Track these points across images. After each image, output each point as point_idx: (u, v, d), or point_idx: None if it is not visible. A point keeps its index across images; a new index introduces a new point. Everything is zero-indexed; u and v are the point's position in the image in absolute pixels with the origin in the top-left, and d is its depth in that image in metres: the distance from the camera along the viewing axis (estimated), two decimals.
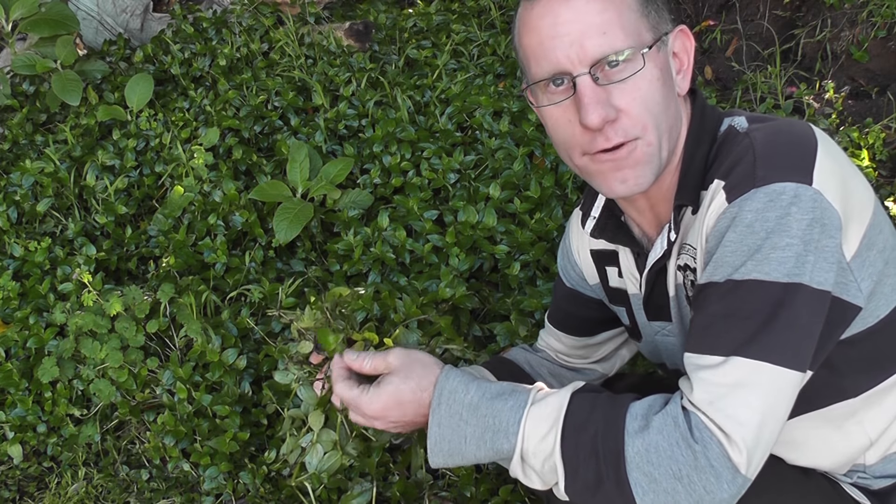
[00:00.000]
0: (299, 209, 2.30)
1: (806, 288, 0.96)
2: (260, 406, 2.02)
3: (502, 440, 1.07)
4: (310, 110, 2.75)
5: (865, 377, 1.10)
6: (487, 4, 3.08)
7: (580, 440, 1.02)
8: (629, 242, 1.24)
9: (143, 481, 2.05)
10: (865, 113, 2.44)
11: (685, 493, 0.95)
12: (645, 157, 1.06)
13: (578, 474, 1.02)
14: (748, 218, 0.98)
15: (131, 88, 2.79)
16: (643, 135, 1.05)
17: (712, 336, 0.99)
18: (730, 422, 0.94)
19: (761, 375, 0.95)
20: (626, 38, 1.02)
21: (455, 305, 2.02)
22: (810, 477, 1.16)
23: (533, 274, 2.10)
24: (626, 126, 1.04)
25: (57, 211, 2.58)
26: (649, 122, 1.04)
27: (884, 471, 1.15)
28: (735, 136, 1.08)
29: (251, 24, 3.12)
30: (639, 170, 1.06)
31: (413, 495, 1.83)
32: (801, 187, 0.97)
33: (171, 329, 2.19)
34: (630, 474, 0.97)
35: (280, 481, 1.92)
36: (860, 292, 1.03)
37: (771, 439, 0.97)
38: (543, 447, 1.04)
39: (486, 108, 2.51)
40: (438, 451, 1.11)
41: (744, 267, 0.98)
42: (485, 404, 1.09)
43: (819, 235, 0.97)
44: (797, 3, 2.82)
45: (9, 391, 2.14)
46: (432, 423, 1.11)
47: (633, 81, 1.03)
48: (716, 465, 0.94)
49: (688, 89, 1.13)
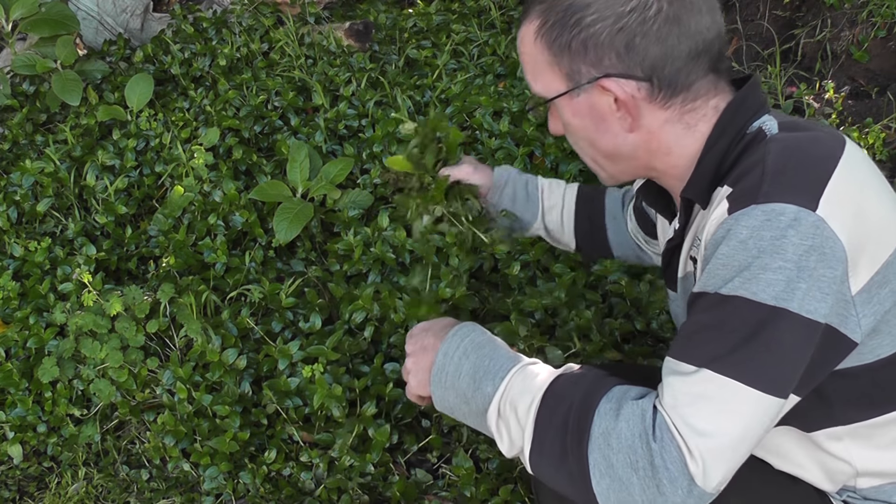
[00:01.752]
0: (299, 209, 2.30)
1: (792, 315, 0.94)
2: (260, 406, 2.02)
3: (488, 383, 1.10)
4: (310, 110, 2.75)
5: (856, 411, 1.08)
6: (487, 4, 3.08)
7: (555, 409, 1.03)
8: (663, 210, 1.29)
9: (143, 481, 2.05)
10: (865, 113, 2.44)
11: (639, 487, 0.94)
12: (595, 168, 1.23)
13: (545, 444, 1.02)
14: (742, 234, 0.96)
15: (131, 88, 2.79)
16: (580, 154, 1.23)
17: (691, 345, 0.98)
18: (688, 430, 0.94)
19: (728, 393, 0.94)
20: (536, 86, 1.18)
21: (455, 305, 2.02)
22: (797, 484, 1.15)
23: (533, 274, 2.10)
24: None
25: (57, 211, 2.58)
26: (577, 150, 1.23)
27: (875, 496, 1.14)
28: (759, 141, 1.06)
29: (251, 24, 3.12)
30: (601, 175, 1.24)
31: (413, 495, 1.83)
32: (803, 212, 0.94)
33: (171, 329, 2.19)
34: (591, 454, 0.97)
35: (280, 481, 1.93)
36: (859, 328, 1.00)
37: (734, 458, 0.95)
38: (521, 402, 1.06)
39: (486, 108, 2.51)
40: (438, 381, 1.17)
41: (731, 283, 0.96)
42: (489, 345, 1.16)
43: (815, 263, 0.94)
44: (797, 3, 2.82)
45: (9, 391, 2.14)
46: (440, 350, 1.18)
47: (556, 116, 1.20)
48: (671, 468, 0.93)
49: (633, 129, 1.12)
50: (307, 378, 1.91)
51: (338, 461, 1.87)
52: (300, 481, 1.91)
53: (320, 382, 1.87)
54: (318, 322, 2.05)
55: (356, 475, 1.85)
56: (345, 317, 2.04)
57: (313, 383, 1.90)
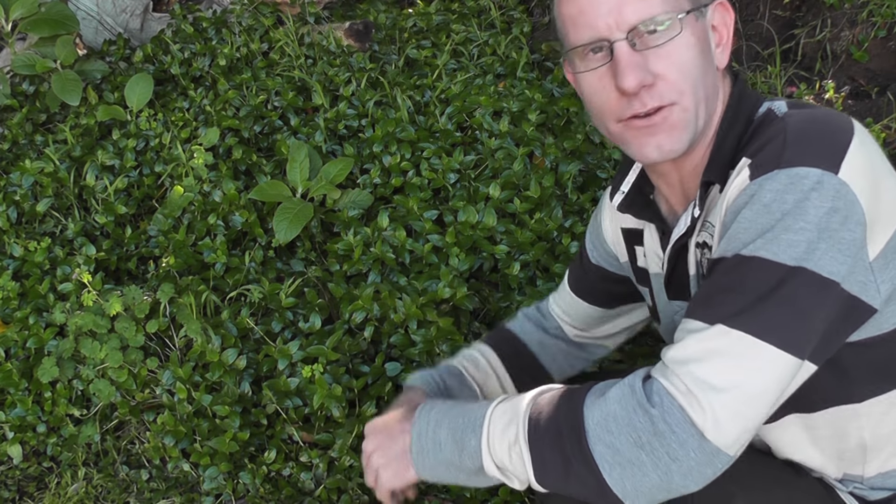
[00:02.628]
0: (299, 209, 2.30)
1: (810, 273, 0.94)
2: (260, 406, 2.02)
3: (470, 436, 1.08)
4: (310, 110, 2.75)
5: (873, 385, 1.08)
6: (487, 4, 3.08)
7: (542, 424, 1.02)
8: (655, 218, 1.24)
9: (143, 481, 2.05)
10: (865, 113, 2.44)
11: (651, 463, 0.93)
12: (681, 122, 1.07)
13: (546, 459, 1.01)
14: (766, 197, 0.97)
15: (131, 88, 2.79)
16: (679, 100, 1.06)
17: (707, 305, 0.98)
18: (698, 384, 0.93)
19: (744, 347, 0.93)
20: (663, 4, 1.04)
21: (455, 305, 2.02)
22: (803, 478, 1.15)
23: (533, 274, 2.10)
24: (663, 90, 1.05)
25: (57, 211, 2.58)
26: (686, 88, 1.05)
27: (882, 483, 1.14)
28: (772, 119, 1.07)
29: (251, 24, 3.12)
30: (675, 135, 1.07)
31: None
32: (826, 175, 0.95)
33: (171, 329, 2.18)
34: (593, 449, 0.96)
35: (280, 481, 1.92)
36: (878, 294, 1.01)
37: (751, 416, 0.94)
38: (508, 435, 1.05)
39: (486, 108, 2.51)
40: (421, 461, 1.13)
41: (753, 244, 0.96)
42: (456, 407, 1.12)
43: (837, 225, 0.95)
44: (797, 3, 2.82)
45: (9, 391, 2.14)
46: (413, 433, 1.14)
47: (670, 47, 1.04)
48: (676, 429, 0.92)
49: (726, 64, 1.12)
50: (307, 378, 1.91)
51: (338, 461, 1.87)
52: (300, 481, 1.91)
53: (320, 382, 1.87)
54: (318, 322, 2.05)
55: (356, 475, 1.85)
56: (345, 317, 2.04)
57: (313, 383, 1.90)
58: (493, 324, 2.07)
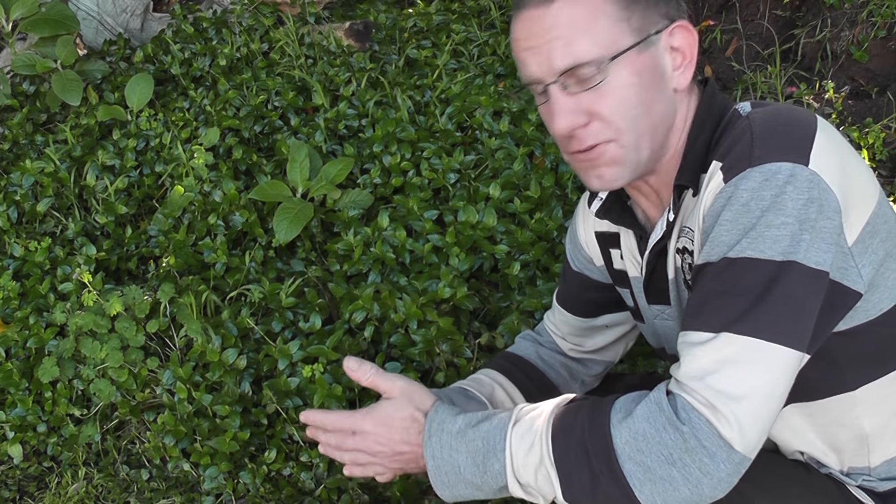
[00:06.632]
0: (299, 209, 2.30)
1: (801, 266, 0.96)
2: (260, 406, 2.02)
3: (492, 460, 1.07)
4: (310, 110, 2.75)
5: (867, 372, 1.09)
6: (487, 4, 3.08)
7: (568, 442, 1.02)
8: (632, 225, 1.25)
9: (143, 481, 2.05)
10: (865, 113, 2.44)
11: (682, 478, 0.94)
12: (619, 157, 1.09)
13: (572, 478, 1.01)
14: (744, 197, 0.98)
15: (131, 88, 2.79)
16: (616, 137, 1.07)
17: (705, 313, 0.99)
18: (720, 397, 0.94)
19: (753, 352, 0.95)
20: (592, 47, 1.04)
21: (455, 305, 2.02)
22: (814, 475, 1.15)
23: (533, 274, 2.10)
24: (598, 130, 1.07)
25: (57, 211, 2.58)
26: (623, 125, 1.07)
27: (889, 472, 1.15)
28: (737, 119, 1.09)
29: (251, 24, 3.12)
30: (614, 168, 1.10)
31: (413, 495, 1.83)
32: (798, 167, 0.97)
33: (171, 329, 2.19)
34: (623, 466, 0.97)
35: (280, 481, 1.93)
36: (861, 278, 1.03)
37: (768, 417, 0.96)
38: (532, 458, 1.04)
39: (486, 108, 2.51)
40: (440, 483, 1.12)
41: (738, 245, 0.98)
42: (471, 430, 1.10)
43: (816, 215, 0.97)
44: (797, 3, 2.82)
45: (9, 391, 2.14)
46: (427, 455, 1.13)
47: (604, 87, 1.05)
48: (707, 444, 0.93)
49: (687, 84, 1.12)
50: (307, 378, 1.91)
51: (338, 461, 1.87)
52: (300, 481, 1.91)
53: (320, 382, 1.88)
54: (318, 322, 2.05)
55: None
56: (345, 317, 2.04)
57: (313, 383, 1.90)
58: (493, 324, 2.08)
